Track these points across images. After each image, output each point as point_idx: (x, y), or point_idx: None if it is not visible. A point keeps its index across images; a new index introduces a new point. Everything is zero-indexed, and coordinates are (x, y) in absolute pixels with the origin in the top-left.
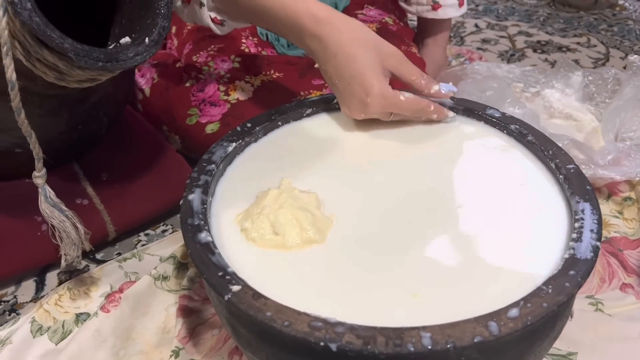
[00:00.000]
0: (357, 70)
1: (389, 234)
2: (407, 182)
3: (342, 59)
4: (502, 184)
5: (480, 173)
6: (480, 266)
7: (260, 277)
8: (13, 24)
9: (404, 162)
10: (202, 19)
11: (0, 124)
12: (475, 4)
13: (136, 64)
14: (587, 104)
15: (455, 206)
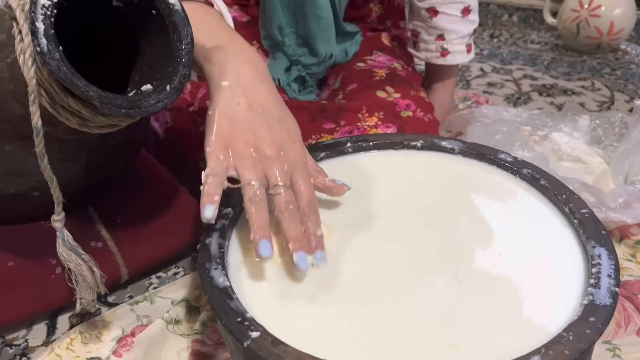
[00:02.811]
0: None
1: (393, 280)
2: (420, 227)
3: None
4: (517, 228)
5: (495, 218)
6: (499, 312)
7: (280, 323)
8: (40, 73)
9: (417, 206)
10: None
11: (20, 168)
12: (480, 48)
13: (157, 110)
14: (595, 147)
15: (469, 251)
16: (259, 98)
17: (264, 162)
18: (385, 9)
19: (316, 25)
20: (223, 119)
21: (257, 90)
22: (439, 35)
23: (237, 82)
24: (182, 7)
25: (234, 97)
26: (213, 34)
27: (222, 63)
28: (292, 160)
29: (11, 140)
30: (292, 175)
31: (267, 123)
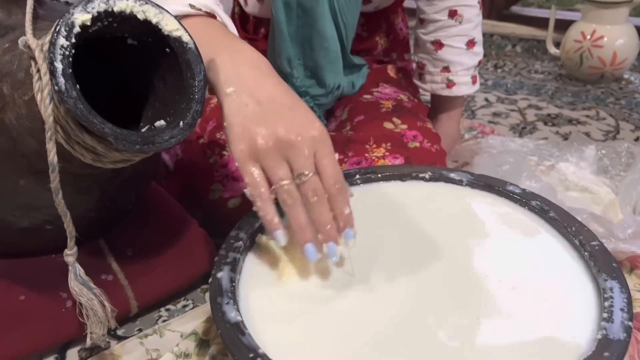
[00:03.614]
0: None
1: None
2: (430, 260)
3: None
4: (527, 261)
5: (504, 250)
6: (515, 348)
7: (292, 359)
8: (57, 110)
9: (425, 238)
10: None
11: (34, 202)
12: (484, 78)
13: (171, 146)
14: (602, 176)
15: (480, 285)
16: (265, 93)
17: (284, 151)
18: (390, 42)
19: (324, 57)
20: (237, 125)
21: (261, 86)
22: (445, 67)
23: (241, 85)
24: (195, 45)
25: (241, 101)
26: (214, 44)
27: (223, 70)
28: (312, 140)
29: (26, 175)
30: (315, 155)
31: (278, 113)
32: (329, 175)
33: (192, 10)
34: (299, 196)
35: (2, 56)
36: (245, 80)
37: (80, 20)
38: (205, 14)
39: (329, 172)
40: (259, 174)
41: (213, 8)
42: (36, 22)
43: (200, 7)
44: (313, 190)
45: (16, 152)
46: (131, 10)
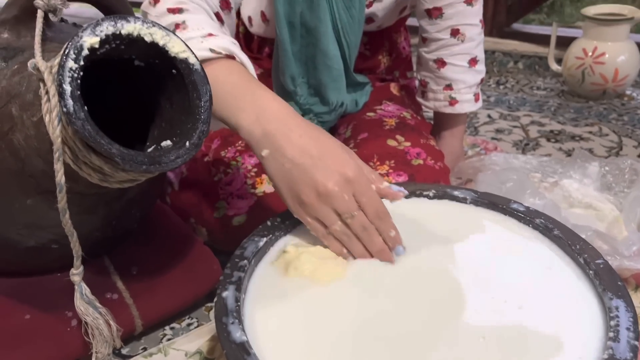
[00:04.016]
0: (330, 147)
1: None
2: (434, 277)
3: (306, 139)
4: (533, 279)
5: (510, 269)
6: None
7: None
8: (65, 132)
9: (429, 256)
10: None
11: (40, 222)
12: (486, 95)
13: (177, 166)
14: (605, 193)
15: (485, 303)
16: (295, 148)
17: (327, 202)
18: (393, 60)
19: (327, 76)
20: (282, 187)
21: (290, 142)
22: (447, 85)
23: (273, 146)
24: (201, 67)
25: (277, 162)
26: (237, 96)
27: (253, 134)
28: (347, 183)
29: (33, 195)
30: (354, 194)
31: (312, 166)
32: (369, 210)
33: (213, 54)
34: (351, 232)
35: (11, 78)
36: (275, 140)
37: (89, 44)
38: (224, 57)
39: (369, 208)
40: (315, 222)
41: (231, 49)
42: (45, 43)
43: (220, 51)
44: (361, 226)
45: (24, 172)
46: (138, 33)
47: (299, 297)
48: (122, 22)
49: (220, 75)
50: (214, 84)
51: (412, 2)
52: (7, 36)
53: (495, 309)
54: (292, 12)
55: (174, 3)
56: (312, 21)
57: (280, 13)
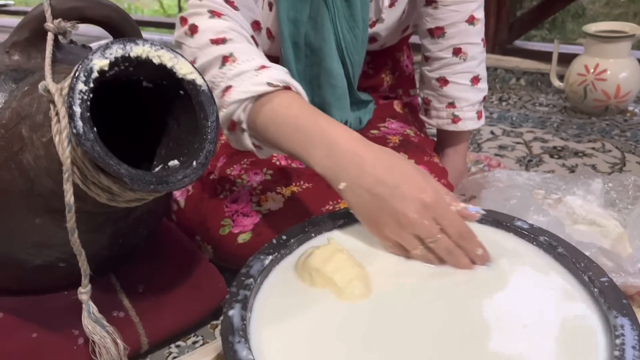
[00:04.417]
0: (405, 173)
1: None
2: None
3: (379, 168)
4: (536, 298)
5: (513, 287)
6: None
7: None
8: (75, 152)
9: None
10: (246, 144)
11: (48, 240)
12: (489, 111)
13: (184, 185)
14: (609, 210)
15: (489, 323)
16: (371, 179)
17: (410, 230)
18: (396, 79)
19: (331, 94)
20: (364, 218)
21: (365, 173)
22: (450, 103)
23: (349, 178)
24: (208, 87)
25: (355, 193)
26: (305, 131)
27: (329, 169)
28: (426, 209)
29: (41, 214)
30: (435, 219)
31: (390, 196)
32: (452, 232)
33: (271, 88)
34: (433, 254)
35: (21, 99)
36: (350, 172)
37: (99, 66)
38: (282, 88)
39: (452, 230)
40: (400, 248)
41: (287, 80)
42: (54, 65)
43: (278, 84)
44: (445, 250)
45: (33, 191)
46: (147, 55)
47: (306, 316)
48: (131, 44)
49: (280, 109)
50: (274, 118)
51: (414, 21)
52: (18, 58)
53: (499, 327)
54: (296, 33)
55: (215, 33)
56: (316, 41)
57: (285, 34)
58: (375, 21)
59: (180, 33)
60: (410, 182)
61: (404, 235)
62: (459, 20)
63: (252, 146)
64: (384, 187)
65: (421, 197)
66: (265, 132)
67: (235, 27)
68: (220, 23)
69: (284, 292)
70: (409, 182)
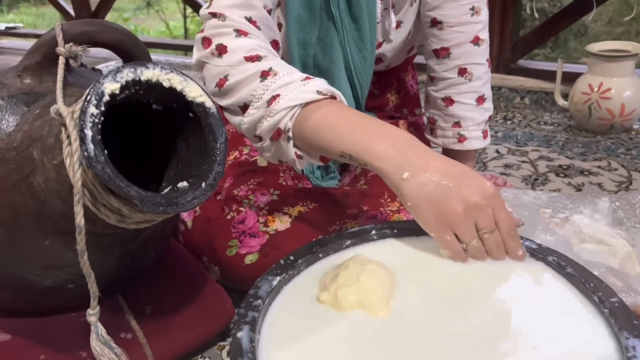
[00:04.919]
0: (466, 169)
1: None
2: (449, 317)
3: (443, 162)
4: (546, 318)
5: (522, 308)
6: None
7: None
8: (85, 175)
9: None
10: (288, 153)
11: (57, 262)
12: (494, 130)
13: (193, 207)
14: (617, 229)
15: (498, 344)
16: (436, 169)
17: (473, 214)
18: (401, 99)
19: None
20: (424, 203)
21: (430, 164)
22: (456, 122)
23: (413, 168)
24: (217, 110)
25: (419, 183)
26: (364, 130)
27: (392, 158)
28: (492, 198)
29: (51, 236)
30: (494, 210)
31: (456, 184)
32: (505, 227)
33: (320, 96)
34: (484, 247)
35: (33, 122)
36: (415, 163)
37: (110, 90)
38: (330, 97)
39: (505, 225)
40: (454, 241)
41: (333, 90)
42: (65, 88)
43: (326, 92)
44: (495, 243)
45: (43, 213)
46: (157, 79)
47: (315, 337)
48: (142, 68)
49: (332, 113)
50: (328, 125)
51: (419, 42)
52: (30, 81)
53: (508, 349)
54: (305, 55)
55: (247, 51)
56: (325, 63)
57: (294, 56)
58: (382, 42)
59: (206, 53)
60: (473, 175)
61: (467, 223)
62: (464, 41)
63: (294, 155)
64: (450, 177)
65: (485, 188)
66: (314, 136)
67: (264, 45)
68: (249, 41)
69: (292, 313)
70: (472, 175)
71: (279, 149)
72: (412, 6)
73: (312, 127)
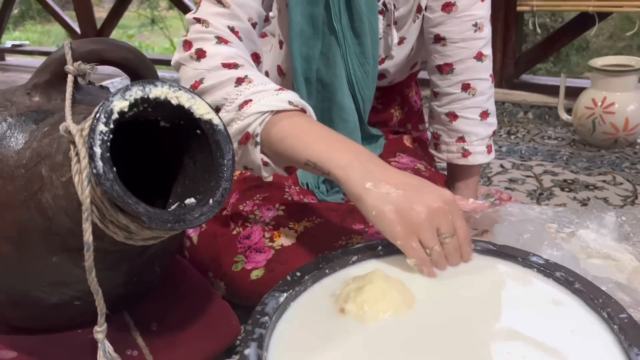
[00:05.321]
0: (421, 179)
1: None
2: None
3: (402, 174)
4: (555, 334)
5: (531, 323)
6: None
7: None
8: (94, 192)
9: (451, 312)
10: (254, 159)
11: (65, 279)
12: (498, 145)
13: (200, 223)
14: (623, 243)
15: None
16: (396, 180)
17: (435, 219)
18: (405, 114)
19: (343, 128)
20: (388, 211)
21: (391, 176)
22: (460, 137)
23: (375, 179)
24: (224, 127)
25: (382, 191)
26: (330, 142)
27: (355, 169)
28: (451, 204)
29: (59, 253)
30: (452, 216)
31: (416, 192)
32: (462, 233)
33: (291, 107)
34: (444, 252)
35: (42, 139)
36: (377, 175)
37: (119, 107)
38: (299, 110)
39: (462, 231)
40: (420, 248)
41: (304, 104)
42: (74, 106)
43: (297, 104)
44: (454, 248)
45: (51, 230)
46: (165, 96)
47: (321, 355)
48: (150, 86)
49: (300, 123)
50: (296, 133)
51: (422, 58)
52: (38, 99)
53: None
54: (308, 69)
55: (226, 58)
56: (328, 77)
57: (297, 70)
58: (384, 58)
59: (184, 56)
60: (431, 185)
61: (430, 229)
62: (467, 56)
63: (260, 161)
64: (410, 186)
65: (444, 194)
66: (281, 144)
67: (242, 55)
68: (228, 49)
69: (300, 329)
70: (430, 185)
71: (246, 154)
72: (415, 22)
73: (280, 135)
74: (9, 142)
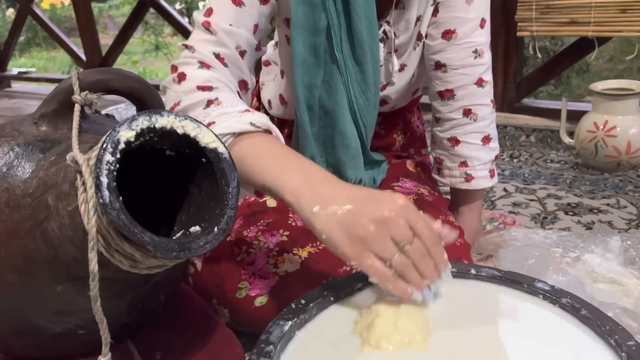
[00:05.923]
0: (372, 190)
1: None
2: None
3: (351, 189)
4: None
5: (537, 352)
6: None
7: None
8: (100, 221)
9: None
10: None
11: (69, 308)
12: (501, 168)
13: (205, 251)
14: (629, 268)
15: None
16: (344, 197)
17: (385, 229)
18: (408, 139)
19: (345, 154)
20: (336, 232)
21: (338, 194)
22: (462, 162)
23: (323, 201)
24: (229, 155)
25: (328, 214)
26: (282, 164)
27: (303, 193)
28: (401, 209)
29: (64, 281)
30: (408, 221)
31: (363, 204)
32: (425, 235)
33: (253, 128)
34: (409, 260)
35: (48, 168)
36: (324, 196)
37: (125, 137)
38: (263, 131)
39: (425, 233)
40: (377, 264)
41: (269, 125)
42: (80, 135)
43: (260, 125)
44: (419, 252)
45: (56, 259)
46: (171, 126)
47: None
48: (156, 116)
49: (259, 145)
50: (254, 155)
51: (424, 84)
52: (46, 129)
53: None
54: (311, 97)
55: (203, 81)
56: (330, 104)
57: (300, 98)
58: (386, 84)
59: (169, 79)
60: (381, 193)
61: (382, 240)
62: (468, 82)
63: None
64: (355, 200)
65: (394, 199)
66: (240, 165)
67: (222, 79)
68: (208, 73)
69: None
70: (381, 194)
71: None
72: (416, 50)
73: (239, 156)
74: (16, 171)
